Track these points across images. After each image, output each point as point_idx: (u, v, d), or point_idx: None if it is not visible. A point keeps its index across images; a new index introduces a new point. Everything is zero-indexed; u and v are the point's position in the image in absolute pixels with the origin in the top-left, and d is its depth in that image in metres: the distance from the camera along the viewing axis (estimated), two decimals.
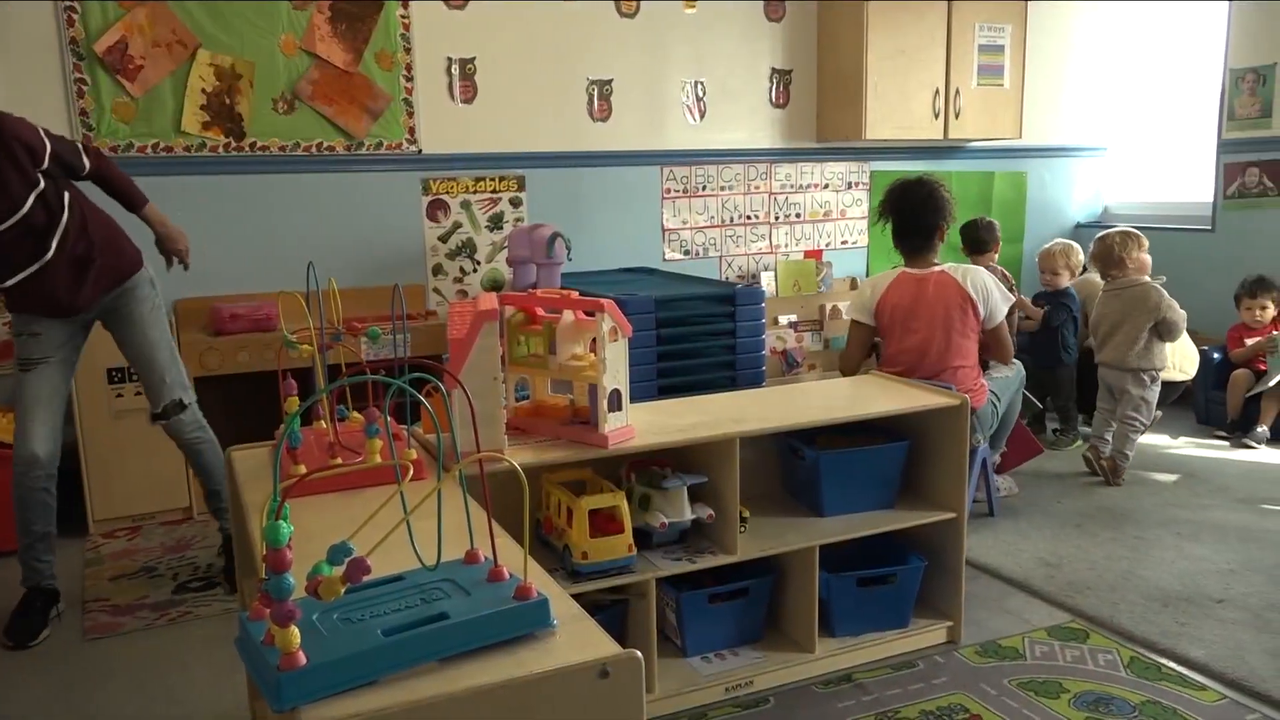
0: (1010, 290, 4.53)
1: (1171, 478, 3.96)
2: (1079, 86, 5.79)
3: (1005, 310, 3.32)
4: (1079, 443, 4.34)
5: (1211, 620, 2.69)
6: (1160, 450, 4.36)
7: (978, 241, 4.51)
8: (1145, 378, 3.92)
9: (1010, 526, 3.42)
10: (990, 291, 3.25)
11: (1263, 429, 4.30)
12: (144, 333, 2.94)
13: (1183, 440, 4.50)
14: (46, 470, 2.77)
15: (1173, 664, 2.48)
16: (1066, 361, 4.41)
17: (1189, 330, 4.51)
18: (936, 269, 3.28)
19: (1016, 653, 2.55)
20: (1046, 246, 4.56)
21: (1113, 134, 5.93)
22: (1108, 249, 4.04)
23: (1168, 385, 4.40)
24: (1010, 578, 3.01)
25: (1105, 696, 2.33)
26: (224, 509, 3.06)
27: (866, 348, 3.42)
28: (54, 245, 2.70)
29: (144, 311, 2.94)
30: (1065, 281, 4.43)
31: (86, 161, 2.79)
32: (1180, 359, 4.39)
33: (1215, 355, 4.61)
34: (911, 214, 3.26)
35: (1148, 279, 4.03)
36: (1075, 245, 4.49)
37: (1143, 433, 3.98)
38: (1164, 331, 3.92)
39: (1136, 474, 3.99)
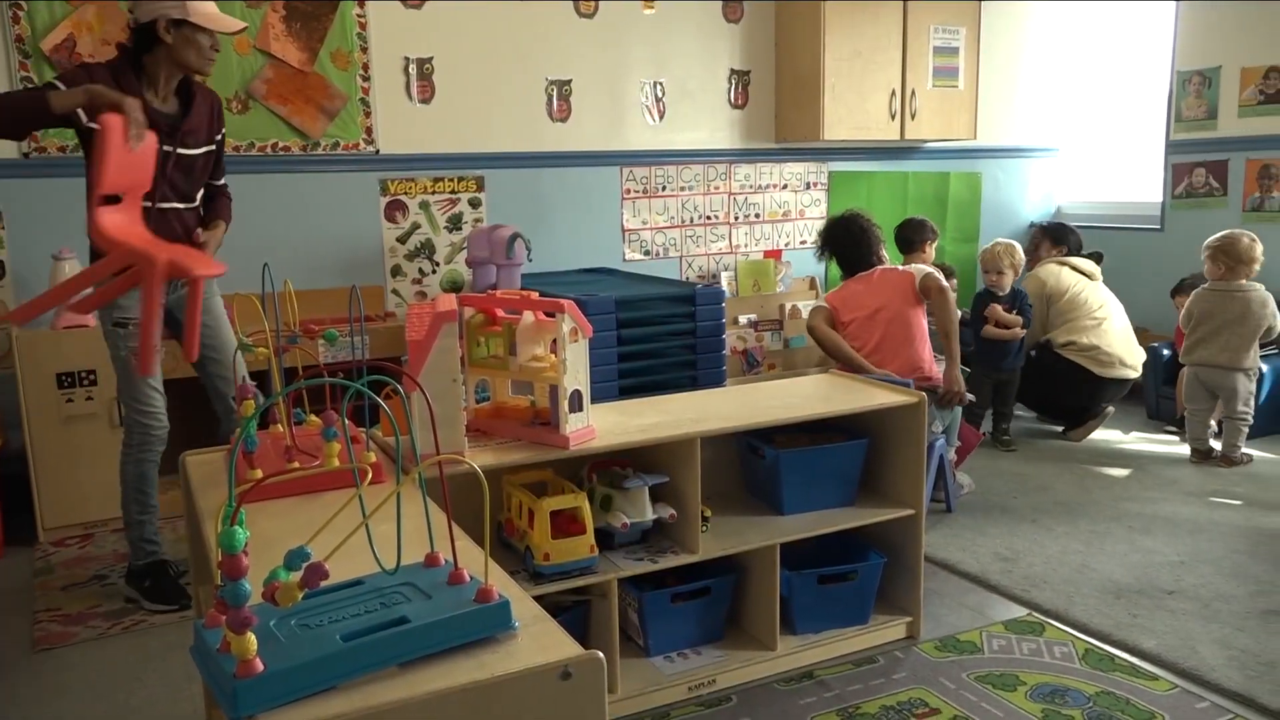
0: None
1: (1123, 472, 4.04)
2: (1031, 88, 5.89)
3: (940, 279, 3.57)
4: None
5: (1163, 611, 2.75)
6: (1112, 445, 4.44)
7: (906, 241, 4.47)
8: (1252, 375, 4.11)
9: (967, 523, 3.47)
10: (920, 270, 3.64)
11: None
12: (225, 323, 3.07)
13: (1134, 435, 4.59)
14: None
15: (1126, 655, 2.52)
16: (1022, 362, 4.45)
17: (1136, 328, 4.61)
18: (879, 268, 3.67)
19: (975, 647, 2.59)
20: (990, 247, 4.46)
21: (1064, 135, 6.03)
22: (1244, 249, 4.08)
23: (1119, 382, 4.49)
24: (968, 573, 3.05)
25: (1061, 688, 2.37)
26: None
27: (828, 320, 3.66)
28: (196, 200, 2.95)
29: (220, 306, 3.07)
30: (1010, 281, 4.41)
31: (224, 179, 3.06)
32: (1130, 357, 4.48)
33: (1164, 352, 4.70)
34: (854, 249, 3.71)
35: (1259, 284, 4.12)
36: (1015, 244, 4.51)
37: (1250, 424, 4.14)
38: (1266, 336, 4.12)
39: (1089, 469, 4.07)
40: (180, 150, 2.82)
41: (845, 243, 3.73)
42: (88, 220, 2.22)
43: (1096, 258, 4.81)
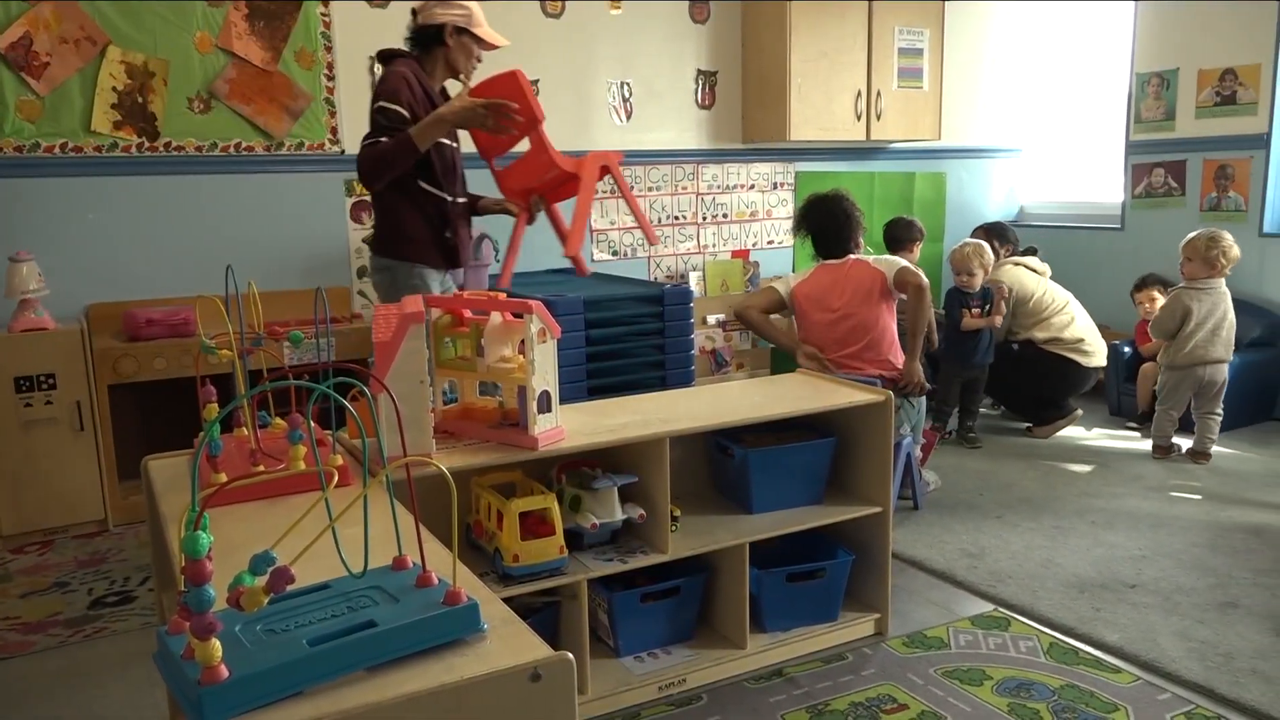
0: None
1: (1086, 468, 4.10)
2: (994, 89, 5.95)
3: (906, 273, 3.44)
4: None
5: (1125, 605, 2.79)
6: (1075, 442, 4.51)
7: (895, 240, 4.58)
8: None
9: (934, 520, 3.50)
10: (895, 264, 3.50)
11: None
12: None
13: (1096, 431, 4.65)
14: None
15: (1089, 648, 2.56)
16: (991, 359, 4.50)
17: (1098, 325, 4.68)
18: (851, 258, 3.55)
19: (942, 642, 2.61)
20: (959, 249, 4.47)
21: (1027, 136, 6.11)
22: (1234, 248, 4.16)
23: (1097, 369, 4.55)
24: (935, 569, 3.08)
25: (1026, 682, 2.39)
26: None
27: (770, 305, 3.67)
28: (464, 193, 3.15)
29: None
30: (980, 280, 4.43)
31: None
32: (1102, 344, 4.55)
33: (1125, 349, 4.78)
34: (835, 231, 3.58)
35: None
36: (984, 244, 4.55)
37: None
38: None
39: (1052, 465, 4.13)
40: (455, 144, 3.04)
41: (825, 223, 3.58)
42: (499, 184, 3.10)
43: (1032, 252, 4.89)
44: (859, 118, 5.13)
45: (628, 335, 3.79)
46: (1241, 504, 3.61)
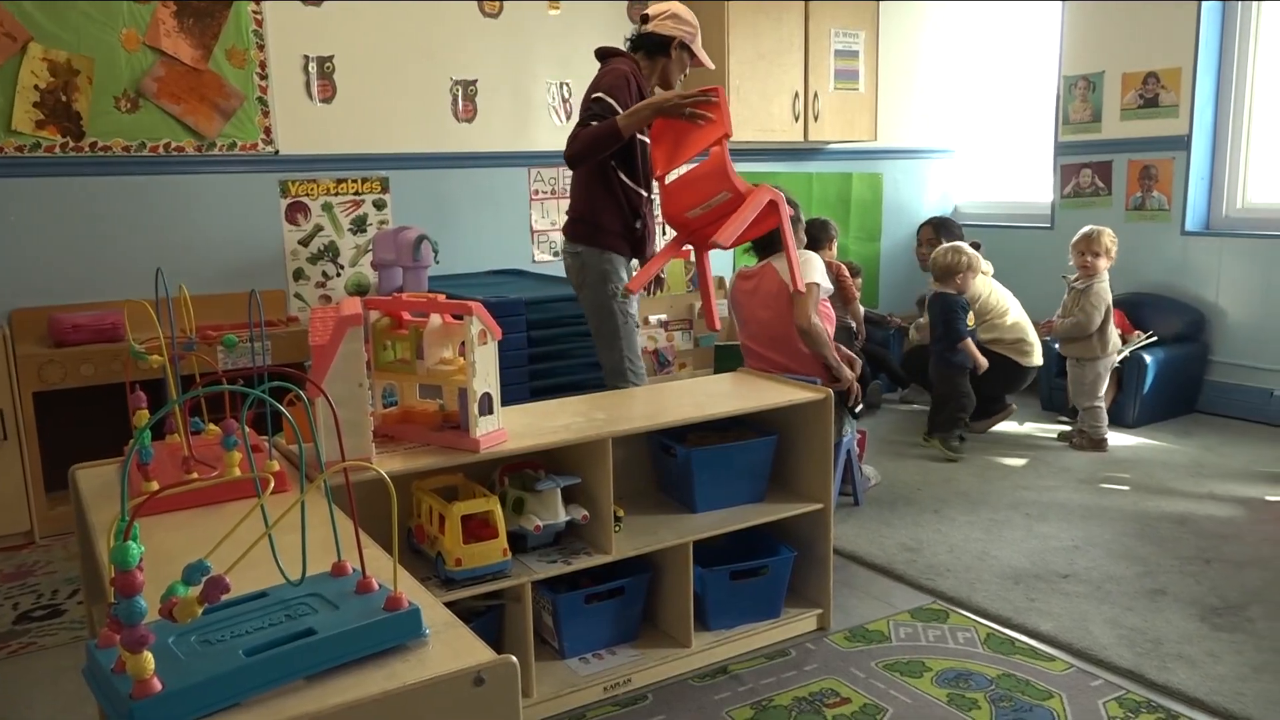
0: (850, 277, 4.70)
1: (1020, 462, 4.19)
2: (927, 91, 6.06)
3: (817, 288, 3.29)
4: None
5: (1058, 595, 2.86)
6: (1009, 436, 4.61)
7: (814, 239, 4.63)
8: None
9: (874, 515, 3.55)
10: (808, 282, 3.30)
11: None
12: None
13: (1029, 426, 4.77)
14: None
15: (1025, 638, 2.62)
16: None
17: (1034, 321, 4.79)
18: (765, 263, 3.44)
19: (883, 636, 2.65)
20: (963, 254, 4.35)
21: (960, 137, 6.23)
22: (1110, 244, 4.35)
23: (1028, 369, 4.65)
24: (875, 564, 3.13)
25: (964, 672, 2.44)
26: None
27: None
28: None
29: None
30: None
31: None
32: (1039, 343, 4.66)
33: (1056, 345, 4.89)
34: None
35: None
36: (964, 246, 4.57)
37: None
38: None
39: (988, 459, 4.22)
40: (649, 142, 3.15)
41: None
42: (662, 198, 3.05)
43: (975, 246, 4.97)
44: (797, 119, 5.19)
45: (570, 336, 3.78)
46: (1168, 494, 3.73)
